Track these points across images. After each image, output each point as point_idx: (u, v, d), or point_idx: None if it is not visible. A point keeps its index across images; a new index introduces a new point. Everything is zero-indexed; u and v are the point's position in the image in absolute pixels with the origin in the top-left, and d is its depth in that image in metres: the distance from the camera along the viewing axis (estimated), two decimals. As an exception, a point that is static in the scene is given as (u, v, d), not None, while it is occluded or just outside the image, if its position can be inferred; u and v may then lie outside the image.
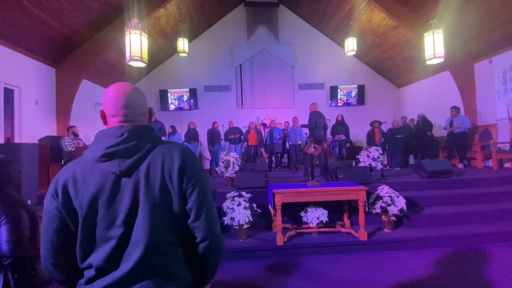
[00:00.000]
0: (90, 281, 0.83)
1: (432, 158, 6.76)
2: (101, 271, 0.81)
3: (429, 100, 8.43)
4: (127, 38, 4.34)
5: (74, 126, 5.81)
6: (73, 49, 6.32)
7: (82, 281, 0.84)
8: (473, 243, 3.33)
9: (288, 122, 8.35)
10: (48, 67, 6.19)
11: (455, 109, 6.43)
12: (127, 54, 4.36)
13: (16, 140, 5.41)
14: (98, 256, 0.81)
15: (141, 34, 4.38)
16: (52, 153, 5.50)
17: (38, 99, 5.94)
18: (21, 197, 1.51)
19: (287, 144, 7.30)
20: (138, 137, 0.85)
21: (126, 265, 0.79)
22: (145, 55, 4.47)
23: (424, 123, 7.14)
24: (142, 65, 4.56)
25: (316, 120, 5.71)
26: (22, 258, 1.36)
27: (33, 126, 5.76)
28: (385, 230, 3.57)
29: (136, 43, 4.35)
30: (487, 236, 3.40)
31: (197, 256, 0.87)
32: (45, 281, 1.42)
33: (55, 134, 6.28)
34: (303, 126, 6.51)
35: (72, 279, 0.87)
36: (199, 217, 0.84)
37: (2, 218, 1.35)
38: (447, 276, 2.62)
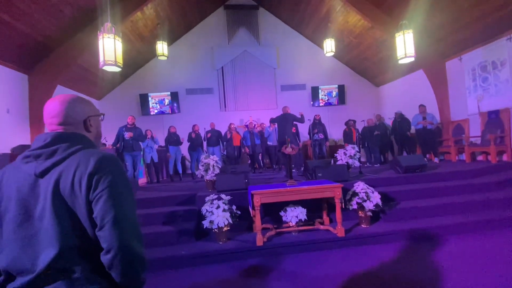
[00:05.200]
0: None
1: (409, 154, 6.99)
2: (8, 275, 0.81)
3: (405, 98, 8.71)
4: (100, 42, 4.26)
5: None
6: (46, 54, 6.12)
7: None
8: (445, 234, 3.46)
9: (263, 123, 8.42)
10: (19, 74, 5.97)
11: (424, 106, 6.94)
12: (101, 59, 4.27)
13: (-14, 150, 5.18)
14: (4, 258, 0.82)
15: (115, 38, 4.31)
16: (25, 162, 5.29)
17: (9, 107, 5.72)
18: None
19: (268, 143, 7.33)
20: (61, 142, 0.89)
21: (34, 268, 0.79)
22: (120, 59, 4.40)
23: (402, 120, 7.37)
24: (116, 69, 4.48)
25: (278, 122, 5.65)
26: None
27: (4, 135, 5.54)
28: (362, 226, 3.65)
29: (109, 47, 4.27)
30: (459, 227, 3.54)
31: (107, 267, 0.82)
32: None
33: (28, 143, 6.06)
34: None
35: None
36: (102, 226, 0.79)
37: None
38: (417, 266, 2.71)
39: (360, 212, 3.62)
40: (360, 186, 3.67)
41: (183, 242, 3.51)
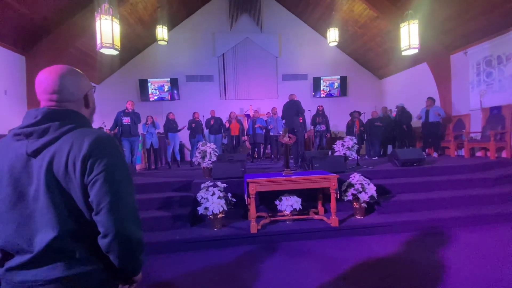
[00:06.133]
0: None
1: (409, 147, 6.96)
2: (5, 253, 0.80)
3: (408, 91, 8.61)
4: (97, 24, 4.17)
5: None
6: (44, 36, 6.01)
7: None
8: (438, 228, 3.48)
9: (269, 113, 8.35)
10: (17, 55, 5.89)
11: (431, 99, 6.70)
12: (98, 41, 4.19)
13: (-16, 131, 5.17)
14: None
15: (112, 20, 4.22)
16: (23, 144, 5.29)
17: (7, 89, 5.67)
18: None
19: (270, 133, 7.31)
20: (53, 120, 0.83)
21: (31, 248, 0.77)
22: (117, 42, 4.32)
23: (403, 114, 7.30)
24: (114, 52, 4.41)
25: (287, 110, 5.59)
26: None
27: (2, 116, 5.51)
28: (357, 217, 3.67)
29: (107, 29, 4.18)
30: (451, 221, 3.56)
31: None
32: None
33: (27, 125, 6.04)
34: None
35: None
36: (99, 211, 0.77)
37: None
38: (410, 257, 2.74)
39: (355, 203, 3.63)
40: (356, 178, 3.66)
41: (178, 227, 3.54)
